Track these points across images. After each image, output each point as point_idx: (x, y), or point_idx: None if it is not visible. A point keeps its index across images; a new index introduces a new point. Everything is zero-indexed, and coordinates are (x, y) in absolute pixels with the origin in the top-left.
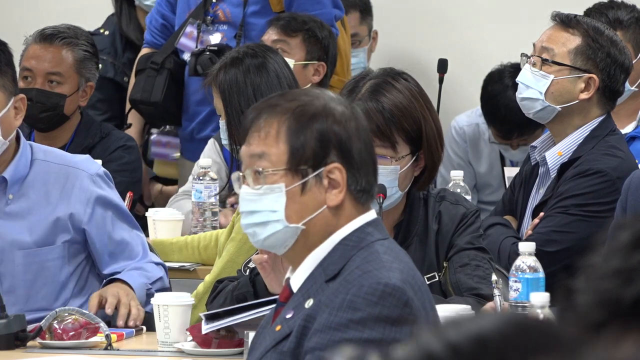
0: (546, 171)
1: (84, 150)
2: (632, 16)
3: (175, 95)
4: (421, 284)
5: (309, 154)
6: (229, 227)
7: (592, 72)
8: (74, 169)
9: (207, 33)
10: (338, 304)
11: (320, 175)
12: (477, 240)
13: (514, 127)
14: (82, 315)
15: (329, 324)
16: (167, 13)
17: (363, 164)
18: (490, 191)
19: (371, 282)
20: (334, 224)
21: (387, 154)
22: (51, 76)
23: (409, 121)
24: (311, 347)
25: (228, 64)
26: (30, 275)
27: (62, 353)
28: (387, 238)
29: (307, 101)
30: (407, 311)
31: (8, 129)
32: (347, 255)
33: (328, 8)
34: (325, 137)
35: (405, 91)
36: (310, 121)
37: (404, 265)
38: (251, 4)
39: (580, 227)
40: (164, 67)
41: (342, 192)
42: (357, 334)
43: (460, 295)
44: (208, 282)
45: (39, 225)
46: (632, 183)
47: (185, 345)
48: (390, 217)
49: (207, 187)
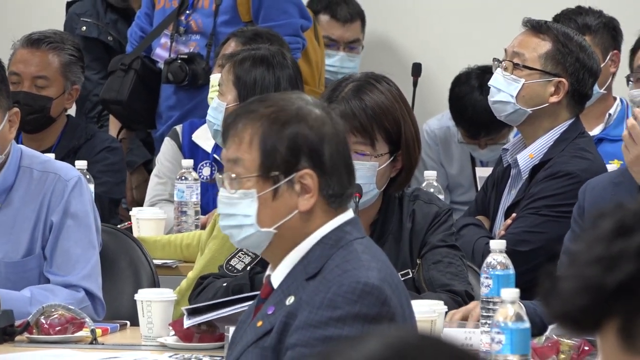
0: (518, 173)
1: (70, 151)
2: (599, 21)
3: (143, 96)
4: (398, 282)
5: (279, 161)
6: (210, 225)
7: (562, 76)
8: (53, 175)
9: (180, 43)
10: (318, 302)
11: (292, 181)
12: (449, 238)
13: (481, 127)
14: (68, 311)
15: (309, 321)
16: (145, 26)
17: (335, 168)
18: (462, 191)
19: (350, 281)
20: (305, 227)
21: (366, 150)
22: (38, 80)
23: (389, 121)
24: (292, 344)
25: (257, 59)
26: (12, 285)
27: (49, 347)
28: (364, 237)
29: (282, 106)
30: (385, 309)
31: (3, 143)
32: (326, 254)
33: (295, 18)
34: (295, 144)
35: (387, 93)
36: (282, 127)
37: (381, 264)
38: (221, 14)
39: (551, 228)
40: (131, 68)
41: (313, 197)
42: (336, 331)
43: (433, 291)
44: (191, 278)
45: (22, 235)
46: (587, 191)
47: (167, 339)
48: (367, 216)
49: (189, 187)
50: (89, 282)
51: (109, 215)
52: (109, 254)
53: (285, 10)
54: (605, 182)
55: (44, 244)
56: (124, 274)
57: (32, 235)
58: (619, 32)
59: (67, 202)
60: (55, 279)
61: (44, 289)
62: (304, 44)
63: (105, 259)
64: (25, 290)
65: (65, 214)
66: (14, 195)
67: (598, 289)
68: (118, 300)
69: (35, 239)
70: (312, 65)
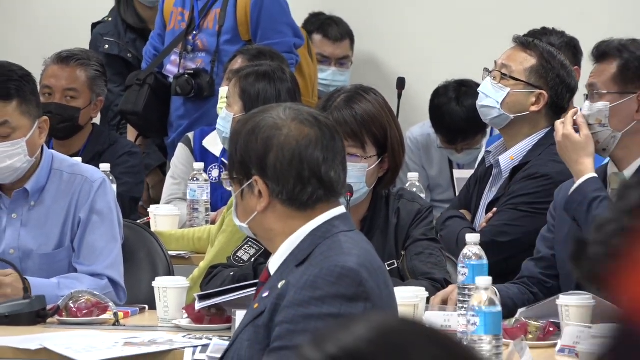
0: (499, 173)
1: (95, 155)
2: (562, 41)
3: (156, 108)
4: (377, 268)
5: (237, 168)
6: (219, 221)
7: (543, 89)
8: (81, 176)
9: (188, 60)
10: (302, 284)
11: (251, 185)
12: (430, 232)
13: (458, 134)
14: (94, 297)
15: (294, 300)
16: (158, 45)
17: (282, 176)
18: (441, 191)
19: (330, 265)
20: (268, 225)
21: (357, 153)
22: (68, 92)
23: (377, 127)
24: (279, 321)
25: (260, 74)
26: (44, 273)
27: (77, 328)
28: (352, 230)
29: (248, 120)
30: (361, 290)
31: (33, 148)
32: (315, 243)
33: (288, 37)
34: (246, 154)
35: (374, 102)
36: (238, 139)
37: (363, 251)
38: (224, 34)
39: (528, 222)
40: (145, 83)
41: (264, 200)
42: (317, 309)
43: (416, 279)
44: (202, 267)
45: (54, 230)
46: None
47: (181, 321)
48: (358, 212)
49: (201, 187)
50: (112, 271)
51: (130, 212)
52: (130, 246)
53: (280, 30)
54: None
55: (72, 238)
56: (142, 263)
57: (62, 230)
58: (579, 50)
59: (93, 200)
60: (82, 268)
61: (72, 277)
62: (297, 60)
63: (126, 250)
64: (55, 278)
65: (92, 211)
66: (46, 194)
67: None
68: (137, 287)
69: (65, 233)
70: (306, 79)
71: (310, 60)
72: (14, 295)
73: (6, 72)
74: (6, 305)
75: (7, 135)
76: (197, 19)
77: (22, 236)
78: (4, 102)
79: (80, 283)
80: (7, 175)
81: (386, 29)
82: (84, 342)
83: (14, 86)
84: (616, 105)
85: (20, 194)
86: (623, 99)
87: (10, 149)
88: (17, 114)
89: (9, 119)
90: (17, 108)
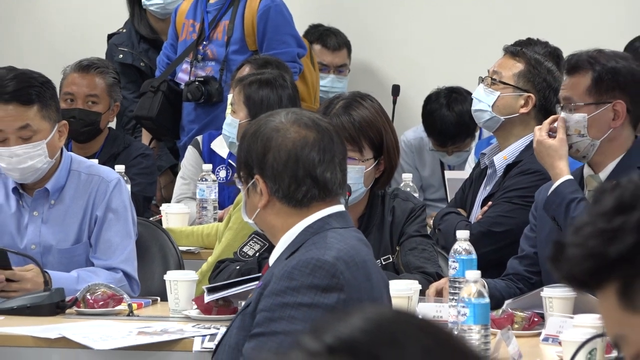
0: (493, 172)
1: (110, 157)
2: (546, 50)
3: (169, 113)
4: (360, 262)
5: (242, 168)
6: (226, 218)
7: (531, 92)
8: (97, 177)
9: (198, 68)
10: (280, 275)
11: (255, 184)
12: (423, 229)
13: (448, 138)
14: (109, 289)
15: (273, 290)
16: (171, 54)
17: (279, 174)
18: (433, 190)
19: (307, 258)
20: (270, 221)
21: (355, 156)
22: (89, 98)
23: (373, 131)
24: (260, 309)
25: (263, 82)
26: (63, 267)
27: (94, 318)
28: (345, 227)
29: (254, 123)
30: (334, 281)
31: (53, 150)
32: (305, 239)
33: (292, 47)
34: (248, 154)
35: (371, 108)
36: (244, 140)
37: (347, 246)
38: (232, 44)
39: (520, 214)
40: (159, 90)
41: (264, 198)
42: (292, 298)
43: (409, 272)
44: (210, 262)
45: (72, 227)
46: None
47: (191, 312)
48: (356, 210)
49: (209, 187)
50: (126, 265)
51: (143, 210)
52: (143, 242)
53: (284, 41)
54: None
55: (89, 234)
56: (155, 258)
57: (80, 226)
58: (562, 59)
59: (109, 199)
60: (98, 262)
61: (89, 270)
62: (300, 69)
63: (139, 246)
64: (73, 272)
65: (107, 209)
66: (65, 193)
67: (601, 257)
68: (150, 280)
69: (83, 230)
70: (308, 86)
71: (313, 68)
72: (34, 289)
73: (27, 79)
74: (28, 297)
75: (28, 137)
76: (207, 30)
77: (42, 232)
78: (26, 107)
79: (97, 276)
80: (28, 175)
81: (381, 39)
82: (100, 331)
83: (35, 92)
84: (593, 116)
85: (41, 193)
86: (599, 109)
87: (32, 150)
88: (38, 118)
89: (30, 123)
90: (38, 112)
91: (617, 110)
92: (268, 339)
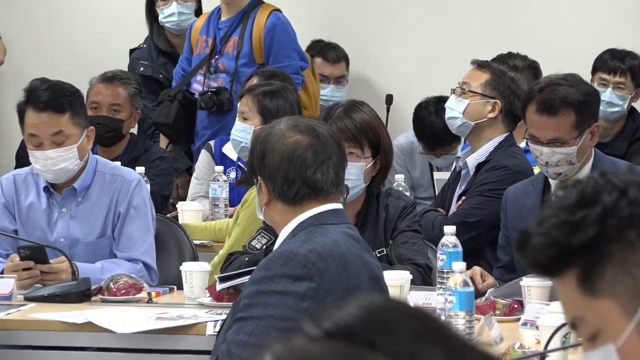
0: (467, 173)
1: (132, 159)
2: (525, 63)
3: (184, 120)
4: (339, 254)
5: (249, 169)
6: (235, 215)
7: (497, 99)
8: (120, 177)
9: (210, 79)
10: (260, 265)
11: (260, 184)
12: (414, 225)
13: (437, 142)
14: (130, 278)
15: (252, 279)
16: (186, 67)
17: (273, 175)
18: (423, 190)
19: (282, 250)
20: (273, 216)
21: (356, 153)
22: (113, 106)
23: (372, 132)
24: (242, 296)
25: (275, 92)
26: (89, 259)
27: (116, 305)
28: (337, 223)
29: (262, 129)
30: (305, 271)
31: (82, 153)
32: (295, 233)
33: (295, 61)
34: (252, 158)
35: (368, 113)
36: (251, 145)
37: (327, 240)
38: (241, 58)
39: (491, 205)
40: (175, 99)
41: (265, 196)
42: (267, 286)
43: (402, 264)
44: (221, 254)
45: (97, 222)
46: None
47: (204, 300)
48: (354, 207)
49: (220, 186)
50: (146, 257)
51: (161, 208)
52: (161, 236)
53: (288, 55)
54: (519, 190)
55: (113, 229)
56: (171, 251)
57: (104, 222)
58: (540, 71)
59: (131, 197)
60: (121, 254)
61: (112, 262)
62: (303, 80)
63: (158, 240)
64: (98, 263)
65: (129, 206)
66: (91, 192)
67: (563, 245)
68: (167, 271)
69: (107, 225)
70: (310, 96)
71: (314, 79)
72: (67, 279)
73: (60, 90)
74: (57, 286)
75: (61, 142)
76: (219, 45)
77: (70, 227)
78: (59, 115)
79: (119, 267)
80: (61, 175)
81: (376, 53)
82: (122, 316)
83: (67, 101)
84: (580, 144)
85: (70, 191)
86: (582, 136)
87: (64, 153)
88: (70, 124)
89: (63, 129)
90: (70, 119)
91: (594, 131)
92: (245, 322)
